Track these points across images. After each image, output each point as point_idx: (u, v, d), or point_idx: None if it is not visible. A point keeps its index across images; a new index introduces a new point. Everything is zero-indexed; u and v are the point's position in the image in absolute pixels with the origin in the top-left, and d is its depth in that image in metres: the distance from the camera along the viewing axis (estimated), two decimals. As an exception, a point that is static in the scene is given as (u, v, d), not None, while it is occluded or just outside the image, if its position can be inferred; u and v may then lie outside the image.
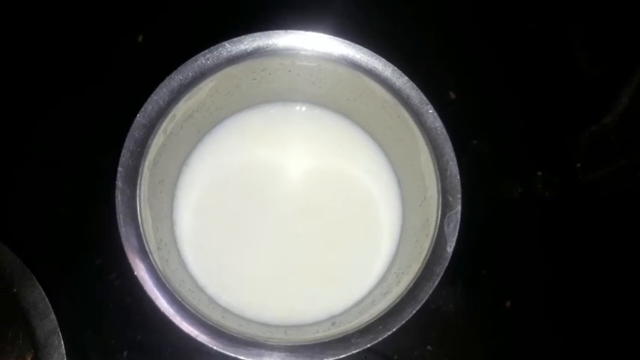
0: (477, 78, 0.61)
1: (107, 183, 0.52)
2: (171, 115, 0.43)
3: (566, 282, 0.55)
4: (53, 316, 0.46)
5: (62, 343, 0.46)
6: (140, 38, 0.60)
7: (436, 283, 0.41)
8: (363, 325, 0.40)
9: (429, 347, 0.53)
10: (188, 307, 0.39)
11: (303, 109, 0.53)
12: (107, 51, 0.59)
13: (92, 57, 0.59)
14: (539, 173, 0.58)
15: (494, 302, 0.54)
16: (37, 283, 0.47)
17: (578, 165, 0.58)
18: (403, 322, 0.40)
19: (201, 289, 0.47)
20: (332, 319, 0.46)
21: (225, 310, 0.46)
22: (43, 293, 0.46)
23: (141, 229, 0.40)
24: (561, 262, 0.56)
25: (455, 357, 0.53)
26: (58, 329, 0.46)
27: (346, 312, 0.47)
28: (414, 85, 0.45)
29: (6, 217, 0.52)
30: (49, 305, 0.46)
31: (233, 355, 0.39)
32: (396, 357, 0.52)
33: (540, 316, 0.55)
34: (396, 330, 0.40)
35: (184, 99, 0.43)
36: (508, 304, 0.54)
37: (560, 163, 0.58)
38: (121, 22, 0.60)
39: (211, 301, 0.46)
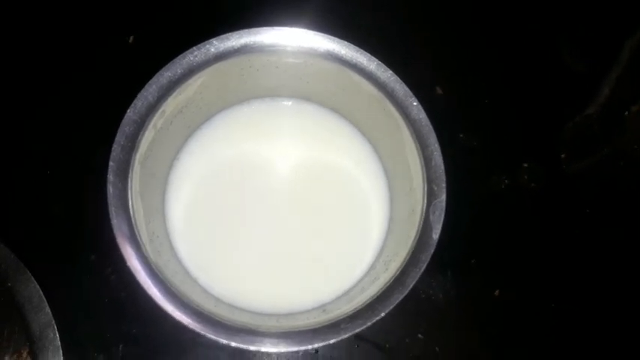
0: (462, 73, 0.62)
1: (100, 179, 0.53)
2: (160, 110, 0.44)
3: (554, 271, 0.56)
4: (48, 309, 0.47)
5: (57, 335, 0.46)
6: (131, 39, 0.60)
7: (422, 269, 0.42)
8: (353, 312, 0.41)
9: (419, 335, 0.53)
10: (180, 295, 0.40)
11: (291, 103, 0.54)
12: (99, 51, 0.60)
13: (84, 57, 0.60)
14: (525, 165, 0.58)
15: (483, 291, 0.55)
16: (32, 277, 0.47)
17: (563, 156, 0.59)
18: (391, 307, 0.41)
19: (193, 280, 0.47)
20: (322, 307, 0.47)
21: (218, 300, 0.46)
22: (38, 287, 0.47)
23: (133, 220, 0.41)
24: (548, 251, 0.57)
25: (445, 345, 0.54)
26: (53, 322, 0.46)
27: (336, 300, 0.48)
28: (398, 79, 0.46)
29: (0, 214, 0.53)
30: (44, 299, 0.47)
31: (225, 341, 0.39)
32: (387, 345, 0.53)
33: (528, 304, 0.56)
34: (387, 319, 0.41)
35: (173, 95, 0.44)
36: (497, 292, 0.55)
37: (546, 155, 0.59)
38: (113, 23, 0.61)
39: (204, 291, 0.47)
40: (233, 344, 0.39)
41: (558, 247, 0.57)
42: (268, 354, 0.51)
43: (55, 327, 0.46)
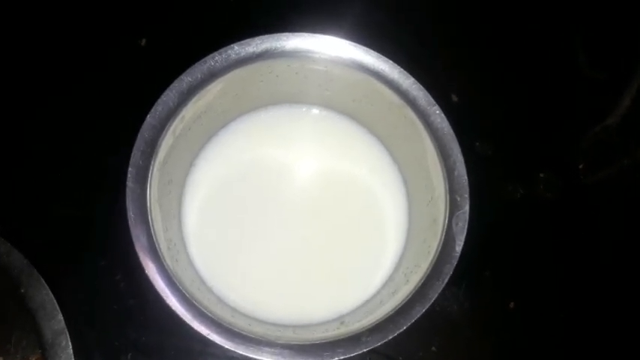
0: (478, 81, 0.61)
1: (111, 184, 0.53)
2: (180, 116, 0.43)
3: (570, 283, 0.56)
4: (61, 316, 0.46)
5: (70, 343, 0.46)
6: (143, 42, 0.60)
7: (445, 282, 0.41)
8: (373, 324, 0.40)
9: (433, 348, 0.53)
10: (199, 305, 0.39)
11: (309, 110, 0.53)
12: (111, 54, 0.59)
13: (96, 59, 0.59)
14: (542, 175, 0.58)
15: (498, 303, 0.55)
16: (45, 284, 0.47)
17: (581, 166, 0.58)
18: (413, 320, 0.40)
19: (209, 290, 0.47)
20: (340, 319, 0.46)
21: (234, 310, 0.46)
22: (51, 294, 0.46)
23: (151, 228, 0.40)
24: (564, 263, 0.56)
25: (459, 358, 0.53)
26: (66, 330, 0.46)
27: (354, 311, 0.47)
28: (421, 87, 0.45)
29: (13, 218, 0.52)
30: (57, 306, 0.46)
31: (244, 353, 0.39)
32: (400, 358, 0.52)
33: (544, 316, 0.55)
34: (402, 330, 0.40)
35: (193, 100, 0.44)
36: (512, 304, 0.54)
37: (563, 165, 0.59)
38: (125, 26, 0.61)
39: (219, 300, 0.46)
40: (252, 357, 0.39)
41: (573, 259, 0.56)
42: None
43: (68, 334, 0.45)
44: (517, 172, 0.58)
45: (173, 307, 0.39)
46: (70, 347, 0.45)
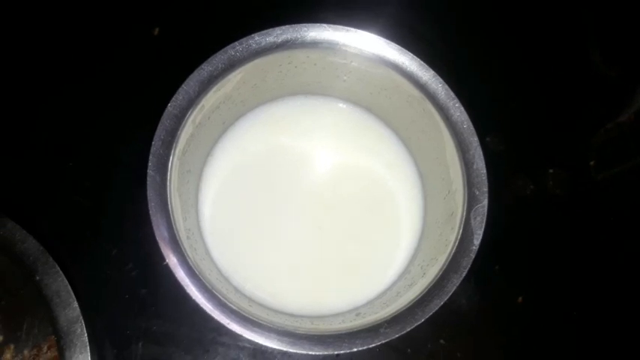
0: (492, 76, 0.61)
1: (124, 173, 0.53)
2: (200, 105, 0.43)
3: (578, 278, 0.56)
4: (76, 304, 0.46)
5: (85, 331, 0.45)
6: (156, 31, 0.60)
7: (463, 275, 0.41)
8: (392, 316, 0.40)
9: (442, 341, 0.53)
10: (219, 295, 0.39)
11: (327, 102, 0.53)
12: (124, 43, 0.59)
13: (108, 48, 0.59)
14: (551, 171, 0.58)
15: (507, 298, 0.55)
16: (60, 272, 0.46)
17: (592, 163, 0.59)
18: (431, 313, 0.40)
19: (226, 279, 0.47)
20: (356, 310, 0.46)
21: (251, 300, 0.46)
22: (66, 281, 0.46)
23: (172, 217, 0.40)
24: (572, 258, 0.57)
25: (467, 351, 0.53)
26: (81, 317, 0.46)
27: (370, 303, 0.47)
28: (441, 80, 0.45)
29: (29, 206, 0.52)
30: (72, 294, 0.46)
31: (264, 344, 0.39)
32: (409, 350, 0.52)
33: (552, 311, 0.55)
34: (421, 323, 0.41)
35: (213, 90, 0.44)
36: (520, 299, 0.55)
37: (574, 162, 0.59)
38: (138, 15, 0.60)
39: (236, 290, 0.46)
40: (272, 347, 0.39)
41: (582, 255, 0.57)
42: (289, 354, 0.50)
43: (83, 322, 0.45)
44: (528, 167, 0.59)
45: (194, 297, 0.39)
46: (86, 335, 0.45)
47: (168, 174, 0.41)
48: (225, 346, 0.51)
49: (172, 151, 0.42)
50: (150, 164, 0.41)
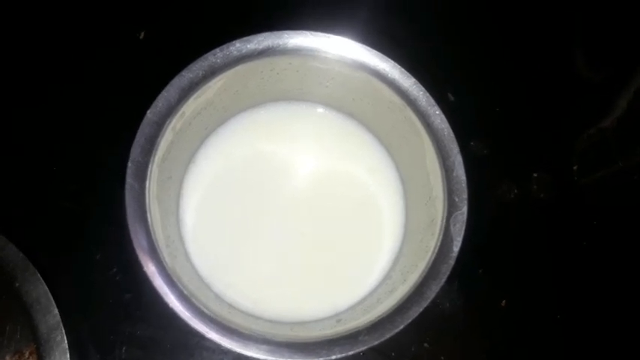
0: (475, 80, 0.61)
1: (107, 179, 0.53)
2: (180, 112, 0.43)
3: (561, 282, 0.56)
4: (56, 311, 0.45)
5: (65, 338, 0.45)
6: (142, 35, 0.59)
7: (443, 282, 0.41)
8: (371, 323, 0.40)
9: (425, 345, 0.53)
10: (197, 303, 0.39)
11: (309, 108, 0.53)
12: (109, 47, 0.59)
13: (93, 52, 0.59)
14: (535, 175, 0.58)
15: (490, 301, 0.55)
16: (41, 278, 0.46)
17: (575, 167, 0.59)
18: (410, 320, 0.40)
19: (207, 287, 0.47)
20: (336, 317, 0.46)
21: (231, 307, 0.46)
22: (46, 288, 0.46)
23: (150, 225, 0.40)
24: (556, 262, 0.57)
25: (451, 354, 0.54)
26: (61, 324, 0.45)
27: (351, 309, 0.47)
28: (422, 87, 0.45)
29: (9, 212, 0.52)
30: (52, 300, 0.46)
31: (241, 352, 0.39)
32: (393, 354, 0.52)
33: (536, 315, 0.56)
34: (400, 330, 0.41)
35: (194, 97, 0.43)
36: (503, 302, 0.55)
37: (557, 166, 0.59)
38: (124, 18, 0.60)
39: (217, 297, 0.46)
40: (250, 355, 0.39)
41: (566, 258, 0.57)
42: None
43: (63, 329, 0.45)
44: (511, 171, 0.59)
45: (171, 305, 0.39)
46: (66, 342, 0.45)
47: (147, 182, 0.41)
48: (209, 350, 0.51)
49: (152, 159, 0.41)
50: (128, 172, 0.40)
